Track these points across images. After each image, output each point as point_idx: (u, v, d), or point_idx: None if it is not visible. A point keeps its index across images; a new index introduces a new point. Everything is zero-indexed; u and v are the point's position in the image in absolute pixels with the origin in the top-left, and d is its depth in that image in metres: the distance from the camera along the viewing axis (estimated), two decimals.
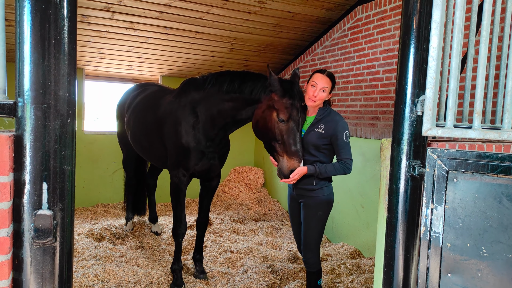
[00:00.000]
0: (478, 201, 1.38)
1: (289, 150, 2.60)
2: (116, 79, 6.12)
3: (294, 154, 2.58)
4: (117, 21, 4.44)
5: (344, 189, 4.67)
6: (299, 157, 2.58)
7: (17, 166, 1.05)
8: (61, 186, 1.08)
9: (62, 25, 1.06)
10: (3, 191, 1.01)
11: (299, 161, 2.58)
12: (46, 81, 1.04)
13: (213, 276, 3.66)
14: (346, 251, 4.34)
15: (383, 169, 1.82)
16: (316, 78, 2.68)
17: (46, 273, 1.07)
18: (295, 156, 2.58)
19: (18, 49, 1.04)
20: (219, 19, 4.61)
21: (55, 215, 1.06)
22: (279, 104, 2.65)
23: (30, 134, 1.04)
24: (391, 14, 4.03)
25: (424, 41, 1.62)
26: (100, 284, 3.23)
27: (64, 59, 1.07)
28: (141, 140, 3.74)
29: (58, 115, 1.06)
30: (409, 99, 1.63)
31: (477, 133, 1.37)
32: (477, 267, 1.39)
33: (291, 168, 2.59)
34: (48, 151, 1.05)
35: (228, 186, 6.58)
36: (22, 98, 1.04)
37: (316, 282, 2.85)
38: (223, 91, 2.99)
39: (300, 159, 2.59)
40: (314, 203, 2.75)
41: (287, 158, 2.61)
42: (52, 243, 1.06)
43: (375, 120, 4.27)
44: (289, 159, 2.60)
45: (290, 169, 2.59)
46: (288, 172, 2.61)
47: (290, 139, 2.60)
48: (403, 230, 1.67)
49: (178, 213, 3.35)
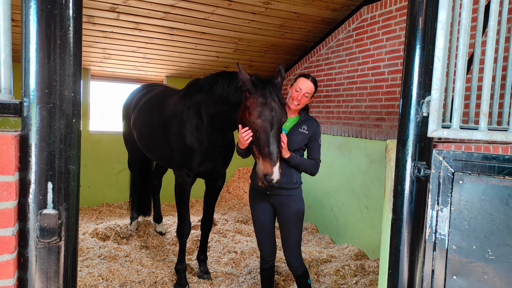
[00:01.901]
0: (484, 203, 1.37)
1: (262, 152, 2.42)
2: (121, 79, 6.15)
3: (267, 156, 2.39)
4: (122, 21, 4.46)
5: (348, 190, 4.65)
6: (273, 160, 2.38)
7: (22, 166, 1.05)
8: (66, 186, 1.08)
9: (67, 25, 1.06)
10: (8, 190, 1.02)
11: (272, 164, 2.37)
12: (52, 81, 1.05)
13: (217, 276, 3.66)
14: (351, 253, 4.32)
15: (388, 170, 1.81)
16: (300, 83, 2.67)
17: (51, 272, 1.08)
18: (268, 158, 2.38)
19: (24, 49, 1.04)
20: (224, 20, 4.62)
21: (60, 214, 1.07)
22: (250, 103, 2.52)
23: (35, 134, 1.04)
24: (396, 15, 4.01)
25: (429, 42, 1.61)
26: (104, 283, 3.24)
27: (70, 59, 1.07)
28: (147, 139, 3.75)
29: (64, 115, 1.07)
30: (414, 100, 1.62)
31: (484, 134, 1.36)
32: (483, 270, 1.37)
33: (265, 172, 2.39)
34: (53, 151, 1.06)
35: (233, 186, 6.59)
36: (28, 98, 1.05)
37: (306, 281, 2.79)
38: (215, 93, 2.95)
39: (274, 162, 2.38)
40: (295, 203, 2.69)
41: (262, 160, 2.43)
42: (57, 243, 1.07)
43: (380, 121, 4.25)
44: (263, 161, 2.41)
45: (264, 173, 2.39)
46: (262, 176, 2.41)
47: (263, 140, 2.43)
48: (408, 232, 1.66)
49: (182, 213, 3.35)
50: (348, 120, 4.76)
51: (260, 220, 2.80)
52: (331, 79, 5.08)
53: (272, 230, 2.84)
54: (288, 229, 2.71)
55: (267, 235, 2.82)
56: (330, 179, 4.97)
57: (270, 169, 2.37)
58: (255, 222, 2.84)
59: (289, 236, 2.72)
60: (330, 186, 4.98)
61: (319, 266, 3.95)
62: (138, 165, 4.66)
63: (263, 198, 2.76)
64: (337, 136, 4.90)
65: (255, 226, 2.85)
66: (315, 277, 3.72)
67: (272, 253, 2.85)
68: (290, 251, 2.73)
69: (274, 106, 2.48)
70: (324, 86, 5.20)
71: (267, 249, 2.83)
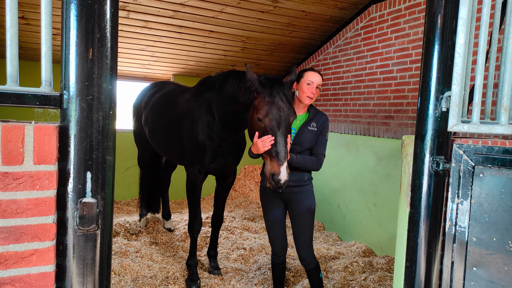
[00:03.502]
0: (505, 196, 1.40)
1: (270, 152, 2.39)
2: (128, 77, 6.19)
3: (274, 156, 2.37)
4: (132, 20, 4.49)
5: (356, 188, 4.68)
6: (280, 160, 2.35)
7: (62, 156, 1.09)
8: (103, 176, 1.12)
9: (105, 20, 1.10)
10: (50, 180, 1.05)
11: (280, 164, 2.34)
12: (91, 74, 1.08)
13: (227, 272, 3.69)
14: (358, 250, 4.35)
15: (404, 165, 1.84)
16: (310, 76, 2.66)
17: (88, 259, 1.11)
18: (275, 158, 2.36)
19: (64, 44, 1.08)
20: (232, 18, 4.65)
21: (98, 203, 1.10)
22: (257, 102, 2.51)
23: (75, 125, 1.08)
24: (405, 13, 4.03)
25: (449, 38, 1.64)
26: (117, 278, 3.28)
27: (107, 53, 1.10)
28: (159, 137, 3.79)
29: (102, 107, 1.10)
30: (433, 95, 1.65)
31: (505, 128, 1.38)
32: (503, 262, 1.40)
33: (272, 172, 2.36)
34: (92, 142, 1.09)
35: (239, 184, 6.62)
36: (67, 90, 1.08)
37: (318, 275, 2.82)
38: (225, 93, 2.95)
39: (281, 162, 2.34)
40: (307, 199, 2.72)
41: (269, 160, 2.40)
42: (94, 231, 1.10)
43: (388, 119, 4.27)
44: (271, 161, 2.38)
45: (271, 172, 2.36)
46: (269, 176, 2.39)
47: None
48: (425, 225, 1.69)
49: (194, 209, 3.39)
50: (356, 118, 4.78)
51: (272, 215, 2.82)
52: (338, 78, 5.10)
53: (283, 226, 2.87)
54: (301, 225, 2.73)
55: (278, 231, 2.84)
56: (338, 177, 5.00)
57: (277, 169, 2.34)
58: (266, 218, 2.86)
59: (301, 232, 2.75)
60: (337, 184, 5.01)
61: (327, 262, 3.98)
62: (148, 163, 4.70)
63: (274, 194, 2.78)
64: (345, 134, 4.93)
65: (267, 222, 2.87)
66: (324, 274, 3.75)
67: (284, 248, 2.88)
68: (303, 245, 2.76)
69: (281, 105, 2.46)
70: (332, 85, 5.23)
71: (278, 245, 2.86)
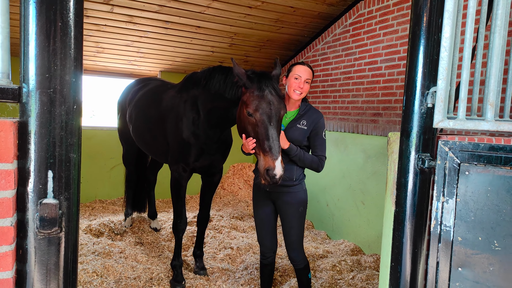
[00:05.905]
0: (491, 194, 1.36)
1: (263, 147, 2.35)
2: (114, 74, 6.06)
3: (268, 150, 2.32)
4: (116, 14, 4.38)
5: (344, 186, 4.65)
6: (274, 154, 2.30)
7: (21, 154, 1.01)
8: (66, 175, 1.04)
9: (68, 7, 1.02)
10: (7, 179, 0.98)
11: (274, 158, 2.29)
12: (52, 65, 1.00)
13: (213, 272, 3.63)
14: (347, 248, 4.32)
15: (390, 162, 1.80)
16: (298, 70, 2.57)
17: (51, 264, 1.03)
18: (269, 153, 2.31)
19: (23, 32, 1.00)
20: (219, 14, 4.57)
21: (60, 204, 1.03)
22: (246, 97, 2.45)
23: (35, 120, 1.00)
24: (394, 10, 4.00)
25: (434, 32, 1.59)
26: (99, 280, 3.19)
27: (71, 42, 1.03)
28: (143, 134, 3.70)
29: (65, 101, 1.02)
30: (419, 91, 1.61)
31: (491, 124, 1.34)
32: (489, 262, 1.37)
33: (266, 167, 2.31)
34: (54, 138, 1.02)
35: (227, 182, 6.55)
36: (26, 83, 1.00)
37: (307, 276, 2.76)
38: (211, 89, 2.88)
39: (275, 156, 2.30)
40: (295, 200, 2.63)
41: (263, 156, 2.35)
42: (57, 234, 1.03)
43: (377, 116, 4.24)
44: (264, 156, 2.33)
45: (266, 167, 2.31)
46: (264, 172, 2.33)
47: (262, 135, 2.36)
48: (411, 224, 1.65)
49: (178, 208, 3.31)
50: (345, 115, 4.75)
51: (261, 216, 2.77)
52: (327, 75, 5.06)
53: (273, 226, 2.81)
54: (290, 226, 2.67)
55: (267, 231, 2.78)
56: (326, 175, 4.96)
57: (272, 164, 2.29)
58: (256, 218, 2.81)
59: (290, 232, 2.69)
60: (326, 182, 4.97)
61: (316, 261, 3.94)
62: (133, 161, 4.60)
63: (264, 194, 2.72)
64: (334, 131, 4.89)
65: (256, 222, 2.81)
66: (312, 273, 3.71)
67: (272, 249, 2.82)
68: (292, 246, 2.70)
69: (271, 98, 2.41)
70: (320, 82, 5.18)
71: (267, 245, 2.80)
